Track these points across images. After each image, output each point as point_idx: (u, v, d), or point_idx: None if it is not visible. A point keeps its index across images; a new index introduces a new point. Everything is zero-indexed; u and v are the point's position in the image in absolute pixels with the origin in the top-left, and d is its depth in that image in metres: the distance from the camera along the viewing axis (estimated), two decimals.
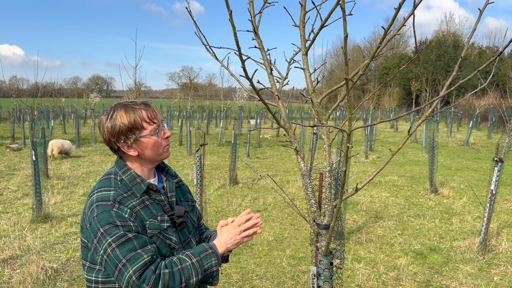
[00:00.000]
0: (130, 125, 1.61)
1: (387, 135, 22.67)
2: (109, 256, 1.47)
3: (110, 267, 1.49)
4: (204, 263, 1.58)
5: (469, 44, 1.66)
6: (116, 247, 1.46)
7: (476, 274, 4.80)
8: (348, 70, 1.30)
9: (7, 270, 4.63)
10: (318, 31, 1.66)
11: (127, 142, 1.63)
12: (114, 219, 1.50)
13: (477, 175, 11.10)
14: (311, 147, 9.62)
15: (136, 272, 1.45)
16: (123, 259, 1.46)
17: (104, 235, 1.48)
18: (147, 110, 1.65)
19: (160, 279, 1.47)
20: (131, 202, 1.57)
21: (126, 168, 1.66)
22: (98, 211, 1.51)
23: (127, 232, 1.49)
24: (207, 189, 8.68)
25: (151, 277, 1.46)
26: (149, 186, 1.65)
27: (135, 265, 1.45)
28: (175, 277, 1.50)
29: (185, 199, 1.86)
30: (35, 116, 9.99)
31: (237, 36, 1.38)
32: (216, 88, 59.90)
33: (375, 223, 6.65)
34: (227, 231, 1.71)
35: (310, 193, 1.81)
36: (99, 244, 1.50)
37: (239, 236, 1.69)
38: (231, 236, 1.69)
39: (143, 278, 1.45)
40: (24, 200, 7.67)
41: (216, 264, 1.61)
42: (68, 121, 29.50)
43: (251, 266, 4.91)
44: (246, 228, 1.71)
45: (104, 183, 1.61)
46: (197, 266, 1.56)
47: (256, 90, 1.55)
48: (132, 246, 1.48)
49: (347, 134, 1.41)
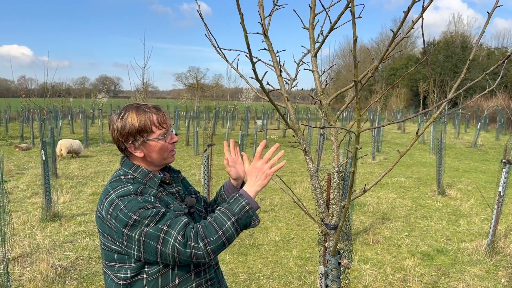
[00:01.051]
0: (139, 127, 1.63)
1: (394, 136, 22.59)
2: (147, 235, 1.49)
3: (151, 245, 1.50)
4: (233, 207, 1.58)
5: (478, 45, 1.68)
6: (153, 225, 1.50)
7: (483, 276, 4.78)
8: (357, 72, 1.32)
9: (17, 268, 4.70)
10: (327, 33, 1.68)
11: (134, 144, 1.66)
12: (144, 204, 1.52)
13: (485, 177, 11.04)
14: (318, 148, 9.62)
15: (179, 232, 1.49)
16: (164, 227, 1.50)
17: (138, 220, 1.50)
18: (158, 114, 1.67)
19: (198, 233, 1.51)
20: (151, 190, 1.61)
21: (135, 167, 1.68)
22: (124, 202, 1.53)
23: (160, 209, 1.53)
24: (214, 189, 8.72)
25: (191, 233, 1.51)
26: (162, 179, 1.70)
27: (177, 227, 1.50)
28: (209, 227, 1.53)
29: (189, 192, 1.90)
30: (44, 116, 10.09)
31: (248, 39, 1.41)
32: (223, 88, 60.04)
33: (382, 224, 6.65)
34: (251, 174, 1.70)
35: (319, 193, 1.84)
36: (132, 230, 1.50)
37: (264, 176, 1.68)
38: (256, 179, 1.68)
39: (186, 236, 1.50)
40: (34, 199, 7.76)
41: (246, 204, 1.59)
42: (76, 121, 29.70)
43: (258, 266, 4.93)
44: (270, 165, 1.70)
45: (116, 184, 1.62)
46: (226, 212, 1.57)
47: (266, 91, 1.58)
48: (168, 217, 1.53)
49: (356, 135, 1.43)
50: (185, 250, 1.48)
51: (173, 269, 1.61)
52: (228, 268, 4.87)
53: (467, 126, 27.41)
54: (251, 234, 6.04)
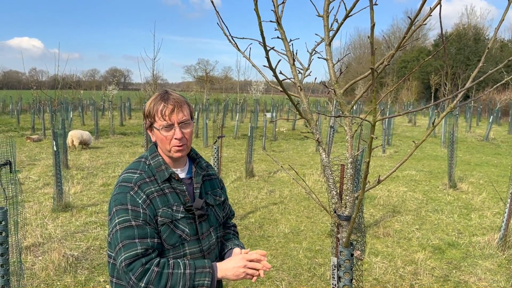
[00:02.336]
0: (146, 112, 1.71)
1: (405, 130, 22.40)
2: (112, 236, 1.58)
3: (112, 245, 1.60)
4: (195, 279, 1.56)
5: (495, 35, 1.63)
6: (118, 230, 1.56)
7: (495, 270, 4.74)
8: (374, 60, 1.29)
9: (30, 257, 4.75)
10: (342, 20, 1.65)
11: (149, 126, 1.73)
12: (127, 201, 1.59)
13: (497, 170, 10.91)
14: (328, 140, 9.57)
15: (126, 259, 1.52)
16: (120, 243, 1.54)
17: (114, 215, 1.59)
18: (165, 106, 1.66)
19: (146, 274, 1.50)
20: (150, 188, 1.64)
21: (155, 154, 1.74)
22: (118, 191, 1.62)
23: (133, 219, 1.57)
24: (224, 181, 8.72)
25: (138, 269, 1.50)
26: (172, 175, 1.69)
27: (127, 253, 1.52)
28: (161, 279, 1.52)
29: (213, 193, 1.86)
30: (55, 108, 10.16)
31: (261, 26, 1.39)
32: (232, 81, 59.90)
33: (392, 217, 6.61)
34: (235, 259, 1.68)
35: (332, 184, 1.81)
36: (110, 221, 1.61)
37: (242, 268, 1.65)
38: (235, 265, 1.65)
39: (131, 267, 1.51)
40: (45, 189, 7.84)
41: (207, 285, 1.57)
42: (86, 113, 29.90)
43: (267, 258, 4.92)
44: (252, 266, 1.67)
45: (134, 165, 1.72)
46: (187, 278, 1.55)
47: (279, 80, 1.55)
48: (131, 233, 1.55)
49: (372, 124, 1.41)
50: (125, 277, 1.55)
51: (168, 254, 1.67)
52: None
53: (479, 120, 27.08)
54: (261, 226, 6.04)
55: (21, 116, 23.20)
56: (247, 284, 4.26)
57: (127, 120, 25.54)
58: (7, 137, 15.98)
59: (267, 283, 4.32)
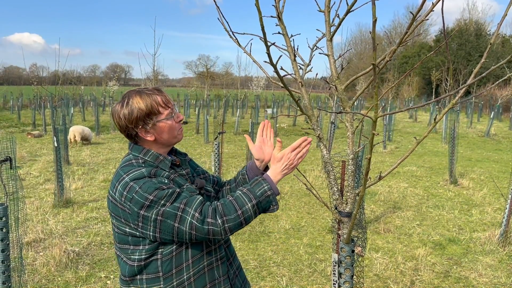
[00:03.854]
0: (147, 110, 1.63)
1: (406, 125, 22.36)
2: (164, 214, 1.51)
3: (168, 223, 1.52)
4: (255, 190, 1.60)
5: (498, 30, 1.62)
6: (170, 205, 1.52)
7: (496, 266, 4.74)
8: (376, 55, 1.28)
9: (31, 252, 4.76)
10: (344, 16, 1.64)
11: (145, 127, 1.65)
12: (159, 185, 1.54)
13: (498, 166, 10.90)
14: (329, 136, 9.56)
15: (197, 209, 1.52)
16: (181, 205, 1.52)
17: (155, 201, 1.51)
18: (161, 95, 1.69)
19: (216, 210, 1.54)
20: (164, 172, 1.64)
21: (145, 150, 1.69)
22: (139, 184, 1.54)
23: (176, 189, 1.55)
24: (225, 176, 8.73)
25: (208, 210, 1.53)
26: (173, 162, 1.71)
27: (194, 204, 1.53)
28: (228, 206, 1.56)
29: (197, 173, 1.90)
30: (56, 103, 10.16)
31: (262, 21, 1.38)
32: (232, 77, 59.84)
33: (393, 213, 6.61)
34: (283, 159, 1.70)
35: (333, 180, 1.81)
36: (149, 211, 1.51)
37: (291, 161, 1.69)
38: (283, 163, 1.69)
39: (203, 213, 1.52)
40: (46, 185, 7.85)
41: (269, 189, 1.61)
42: (87, 109, 29.86)
43: (268, 253, 4.94)
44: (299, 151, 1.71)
45: (128, 168, 1.62)
46: (248, 193, 1.59)
47: (280, 76, 1.54)
48: (184, 196, 1.55)
49: (373, 120, 1.40)
50: (203, 226, 1.51)
51: (187, 249, 1.63)
52: (239, 255, 4.88)
53: (480, 115, 27.03)
54: (262, 221, 6.04)
55: (21, 112, 23.18)
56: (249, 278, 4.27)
57: None
58: (7, 133, 15.99)
59: (267, 278, 4.33)
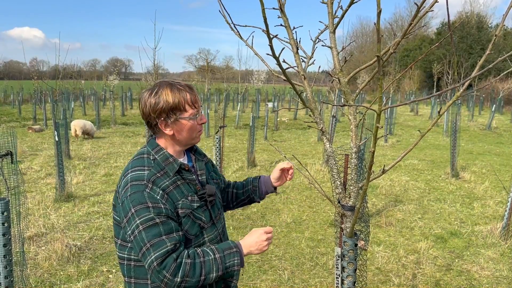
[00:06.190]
0: (173, 105, 1.61)
1: (407, 119, 22.32)
2: (135, 238, 1.50)
3: (136, 248, 1.53)
4: (226, 261, 1.58)
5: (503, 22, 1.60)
6: (142, 230, 1.49)
7: (497, 259, 4.74)
8: (380, 47, 1.26)
9: (32, 247, 4.77)
10: (347, 7, 1.61)
11: (166, 121, 1.63)
12: (146, 200, 1.52)
13: (499, 159, 10.88)
14: (330, 130, 9.54)
15: (157, 258, 1.47)
16: (148, 243, 1.48)
17: (134, 216, 1.51)
18: (191, 93, 1.66)
19: (180, 268, 1.49)
20: (164, 182, 1.59)
21: (158, 148, 1.67)
22: (132, 190, 1.54)
23: (156, 216, 1.51)
24: (225, 171, 8.73)
25: (171, 265, 1.48)
26: (181, 166, 1.66)
27: (158, 251, 1.47)
28: (195, 269, 1.51)
29: (211, 176, 1.87)
30: (56, 98, 10.13)
31: (265, 13, 1.36)
32: (233, 70, 59.68)
33: (394, 206, 6.60)
34: (255, 234, 1.68)
35: (336, 174, 1.79)
36: (129, 223, 1.53)
37: (265, 243, 1.67)
38: (257, 240, 1.66)
39: (163, 265, 1.47)
40: (47, 179, 7.85)
41: (238, 264, 1.60)
42: (88, 103, 29.82)
43: (270, 247, 4.94)
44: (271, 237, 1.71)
45: (137, 162, 1.63)
46: (219, 262, 1.56)
47: (283, 69, 1.53)
48: (157, 231, 1.50)
49: (377, 113, 1.38)
50: (158, 275, 1.48)
51: None
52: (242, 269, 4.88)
53: (481, 109, 26.97)
54: (263, 215, 6.05)
55: (22, 107, 23.15)
56: (251, 271, 4.28)
57: (128, 110, 25.48)
58: (8, 127, 15.99)
59: (269, 272, 4.33)
